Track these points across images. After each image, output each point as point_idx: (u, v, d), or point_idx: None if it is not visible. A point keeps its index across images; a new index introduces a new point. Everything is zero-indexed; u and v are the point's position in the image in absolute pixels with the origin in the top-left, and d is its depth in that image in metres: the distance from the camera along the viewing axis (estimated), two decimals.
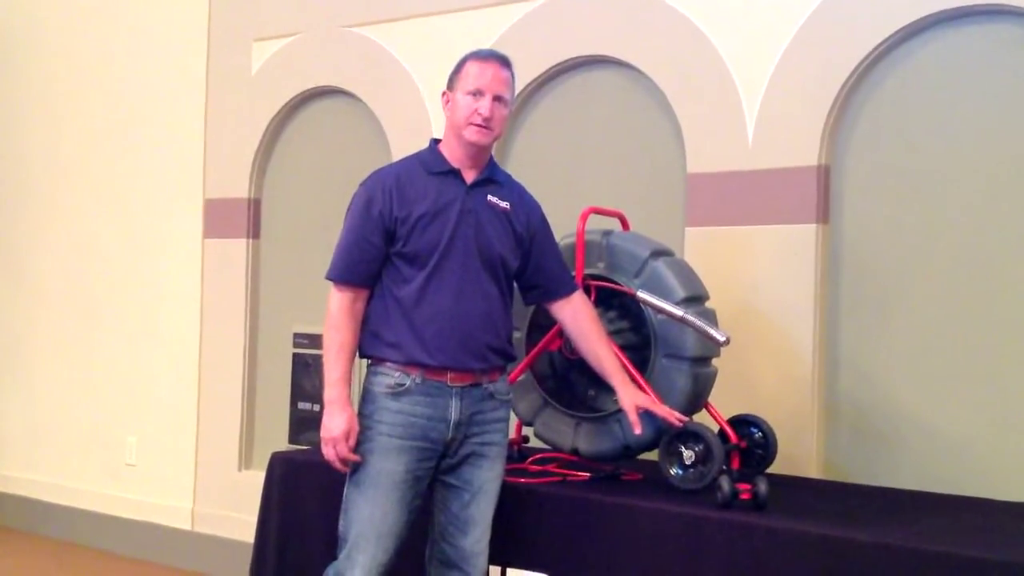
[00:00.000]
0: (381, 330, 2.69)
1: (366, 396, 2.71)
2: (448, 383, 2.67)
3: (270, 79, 4.92)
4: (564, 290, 2.89)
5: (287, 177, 4.94)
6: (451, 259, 2.67)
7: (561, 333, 3.03)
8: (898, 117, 3.33)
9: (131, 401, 5.39)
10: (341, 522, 2.70)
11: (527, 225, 2.82)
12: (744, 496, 2.59)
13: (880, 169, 3.36)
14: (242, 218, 4.98)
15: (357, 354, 2.75)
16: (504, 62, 2.75)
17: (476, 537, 2.72)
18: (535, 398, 3.18)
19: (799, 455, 3.34)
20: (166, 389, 5.25)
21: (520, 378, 3.17)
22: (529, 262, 2.84)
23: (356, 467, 2.67)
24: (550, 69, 4.04)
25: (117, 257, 5.50)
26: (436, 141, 2.83)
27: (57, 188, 5.81)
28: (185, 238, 5.21)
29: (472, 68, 2.72)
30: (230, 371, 4.98)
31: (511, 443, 3.37)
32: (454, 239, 2.67)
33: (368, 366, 2.75)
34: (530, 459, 3.18)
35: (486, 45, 4.17)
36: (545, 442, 3.20)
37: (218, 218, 5.08)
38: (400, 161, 2.86)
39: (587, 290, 3.07)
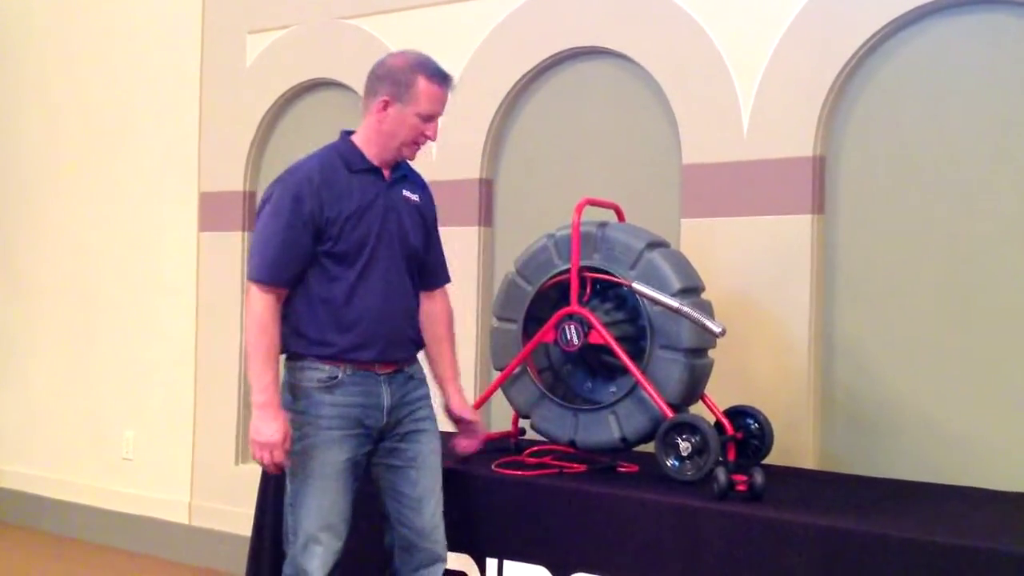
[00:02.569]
0: (305, 328, 2.68)
1: (296, 392, 2.69)
2: (376, 372, 2.72)
3: (265, 71, 4.91)
4: (435, 283, 2.95)
5: (281, 170, 4.90)
6: (379, 256, 2.70)
7: (556, 327, 3.04)
8: (893, 107, 3.33)
9: (128, 395, 5.39)
10: (289, 518, 2.71)
11: (431, 216, 2.91)
12: (740, 487, 2.60)
13: (875, 159, 3.36)
14: (237, 211, 4.97)
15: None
16: (451, 82, 2.77)
17: (431, 511, 2.77)
18: (532, 390, 3.18)
19: (795, 446, 3.35)
20: (163, 383, 5.25)
21: (517, 371, 3.17)
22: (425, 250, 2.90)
23: (301, 463, 2.67)
24: (544, 60, 4.03)
25: (113, 250, 5.48)
26: (348, 133, 2.81)
27: (52, 182, 5.80)
28: (180, 231, 5.20)
29: (430, 91, 2.70)
30: (227, 364, 4.98)
31: (508, 436, 3.39)
32: (381, 236, 2.71)
33: (290, 360, 2.72)
34: (527, 451, 3.18)
35: (480, 37, 4.18)
36: (542, 434, 3.21)
37: (213, 211, 5.07)
38: (315, 156, 2.79)
39: (583, 282, 3.07)
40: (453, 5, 4.29)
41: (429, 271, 2.91)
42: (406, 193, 2.81)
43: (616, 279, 3.05)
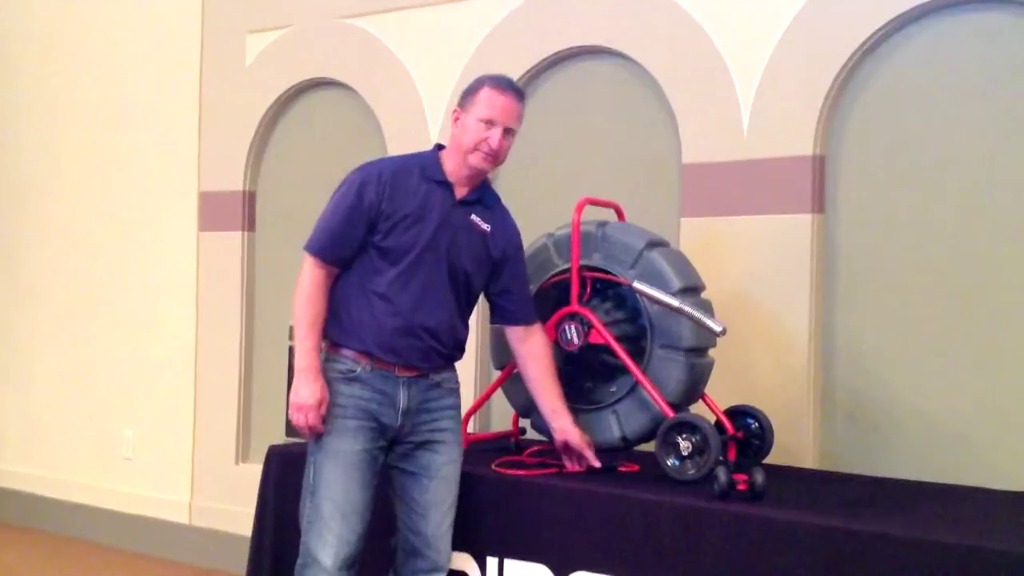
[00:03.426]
0: (342, 313, 2.79)
1: None
2: (396, 374, 2.77)
3: (265, 71, 4.91)
4: (528, 319, 2.97)
5: (282, 169, 4.93)
6: (421, 263, 2.76)
7: (556, 326, 3.04)
8: (892, 106, 3.33)
9: (128, 394, 5.39)
10: (307, 505, 2.75)
11: (503, 251, 2.91)
12: (740, 487, 2.59)
13: (875, 158, 3.36)
14: (237, 211, 4.97)
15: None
16: (519, 95, 2.84)
17: (437, 521, 2.80)
18: None
19: (795, 445, 3.35)
20: (163, 382, 5.25)
21: (517, 370, 3.17)
22: (498, 285, 2.93)
23: (315, 452, 2.75)
24: (544, 60, 4.04)
25: (112, 250, 5.49)
26: (439, 147, 2.90)
27: (52, 182, 5.80)
28: (180, 231, 5.20)
29: (489, 96, 2.78)
30: (226, 364, 4.98)
31: (509, 435, 3.39)
32: (429, 247, 2.76)
33: (322, 350, 2.81)
34: (527, 451, 3.18)
35: (481, 35, 4.18)
36: (542, 434, 3.20)
37: (213, 211, 5.07)
38: (401, 157, 2.93)
39: (583, 281, 3.07)
40: (453, 5, 4.29)
41: (515, 308, 2.95)
42: (475, 219, 2.85)
43: (616, 278, 3.05)
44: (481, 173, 2.85)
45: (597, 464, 2.92)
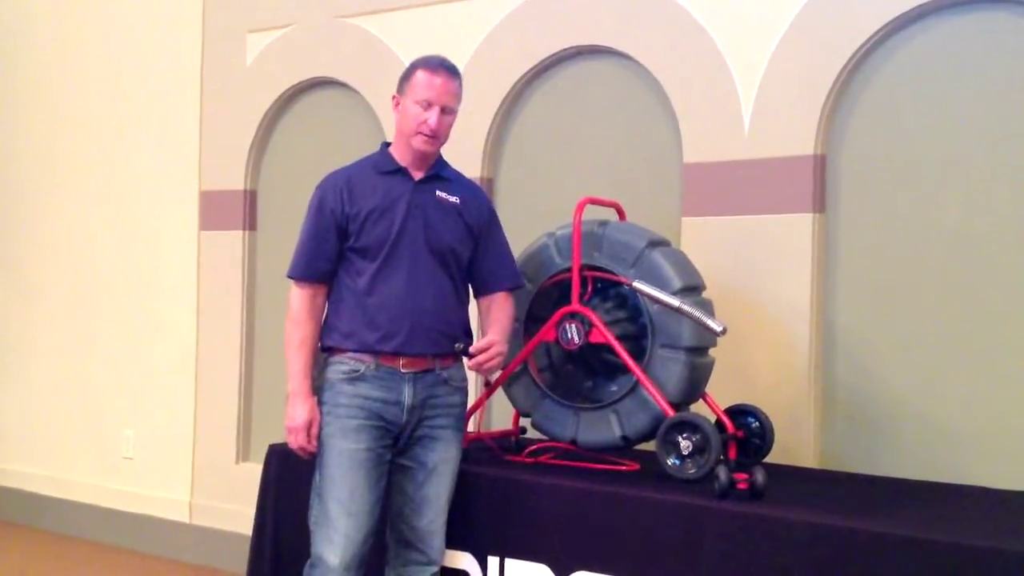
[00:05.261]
0: (336, 321, 2.83)
1: (324, 385, 2.83)
2: (401, 369, 2.78)
3: (265, 70, 4.91)
4: (489, 287, 2.98)
5: (283, 169, 4.93)
6: (401, 251, 2.79)
7: (557, 325, 3.04)
8: (894, 106, 3.33)
9: (128, 394, 5.39)
10: (315, 507, 2.79)
11: (478, 219, 2.94)
12: (741, 486, 2.59)
13: (876, 158, 3.36)
14: (238, 210, 4.98)
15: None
16: (453, 72, 2.86)
17: (430, 517, 2.84)
18: (533, 389, 3.18)
19: (796, 444, 3.35)
20: (163, 381, 5.25)
21: (517, 369, 3.17)
22: (482, 252, 2.95)
23: (321, 452, 2.79)
24: (545, 59, 4.04)
25: (113, 249, 5.49)
26: (387, 144, 2.95)
27: (52, 181, 5.80)
28: (181, 230, 5.20)
29: (422, 78, 2.82)
30: (227, 363, 4.98)
31: (509, 435, 3.39)
32: (403, 232, 2.80)
33: (325, 359, 2.85)
34: (527, 450, 3.18)
35: (481, 36, 4.18)
36: (543, 433, 3.21)
37: (214, 210, 5.07)
38: (353, 163, 2.97)
39: (584, 280, 3.07)
40: (453, 4, 4.29)
41: (482, 274, 2.97)
42: (441, 194, 2.88)
43: (617, 278, 3.05)
44: (428, 155, 2.87)
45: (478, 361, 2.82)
